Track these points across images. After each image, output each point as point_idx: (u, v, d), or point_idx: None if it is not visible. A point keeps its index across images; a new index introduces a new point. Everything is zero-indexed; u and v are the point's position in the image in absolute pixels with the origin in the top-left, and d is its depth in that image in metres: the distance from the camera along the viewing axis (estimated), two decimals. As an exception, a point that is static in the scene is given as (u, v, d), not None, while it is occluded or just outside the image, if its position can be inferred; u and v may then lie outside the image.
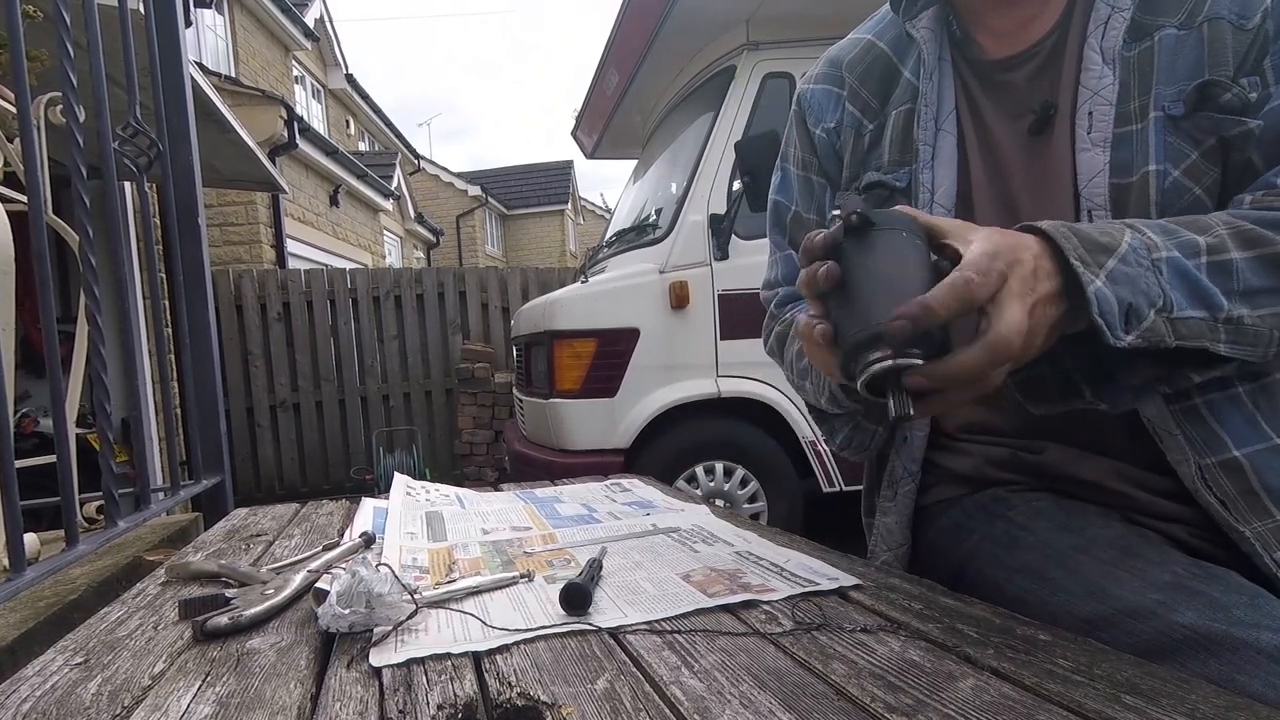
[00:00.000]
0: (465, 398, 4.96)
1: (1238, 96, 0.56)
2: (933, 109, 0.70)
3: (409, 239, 12.64)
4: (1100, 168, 0.60)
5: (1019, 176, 0.67)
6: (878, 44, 0.77)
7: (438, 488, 1.08)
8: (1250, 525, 0.56)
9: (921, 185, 0.70)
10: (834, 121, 0.79)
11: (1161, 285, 0.49)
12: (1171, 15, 0.59)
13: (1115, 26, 0.61)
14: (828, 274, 0.47)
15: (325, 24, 10.59)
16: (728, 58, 2.79)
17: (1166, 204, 0.59)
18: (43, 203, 0.94)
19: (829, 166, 0.81)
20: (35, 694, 0.46)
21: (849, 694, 0.41)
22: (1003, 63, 0.68)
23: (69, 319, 2.41)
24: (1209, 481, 0.57)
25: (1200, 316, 0.50)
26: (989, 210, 0.68)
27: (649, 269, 2.67)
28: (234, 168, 3.73)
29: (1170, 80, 0.59)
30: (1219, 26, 0.58)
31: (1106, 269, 0.48)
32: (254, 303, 4.81)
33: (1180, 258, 0.50)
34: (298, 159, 6.97)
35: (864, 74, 0.77)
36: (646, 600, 0.58)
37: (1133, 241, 0.49)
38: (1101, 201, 0.60)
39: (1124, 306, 0.48)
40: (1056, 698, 0.40)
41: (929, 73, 0.71)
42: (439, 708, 0.42)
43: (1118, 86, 0.60)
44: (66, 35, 0.99)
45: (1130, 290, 0.48)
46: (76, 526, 0.96)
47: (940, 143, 0.70)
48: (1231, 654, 0.48)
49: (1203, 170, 0.58)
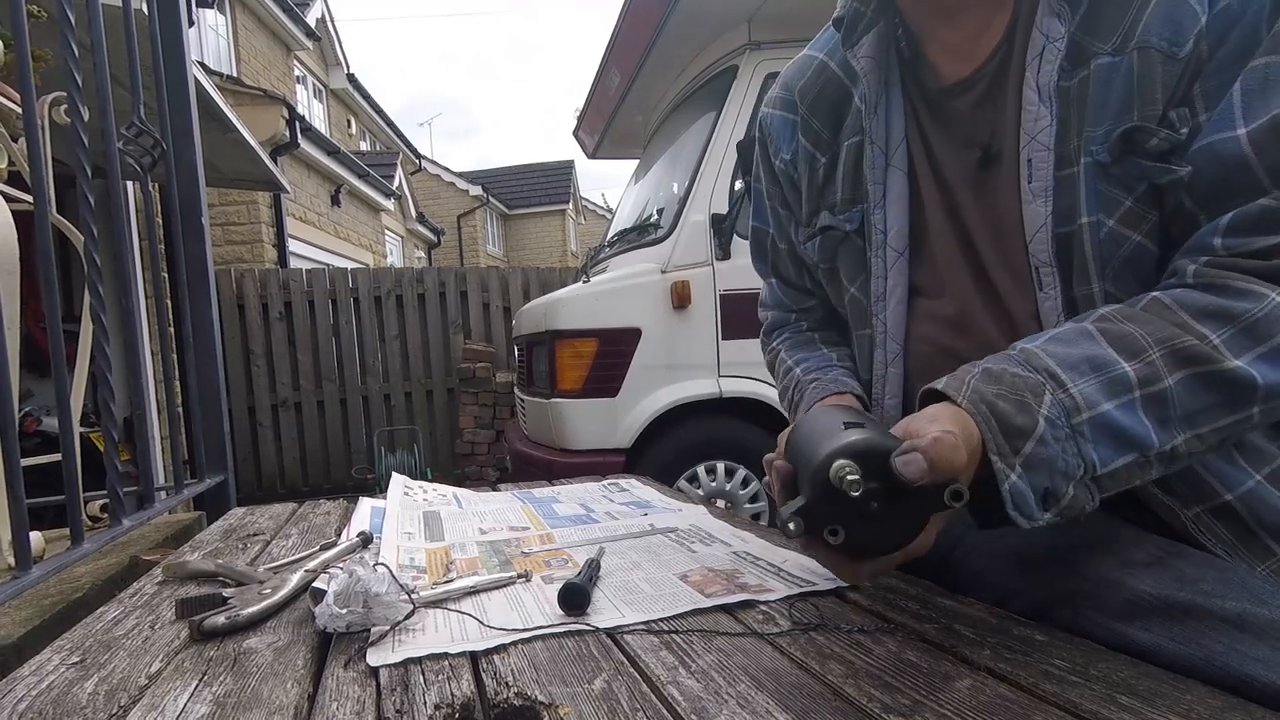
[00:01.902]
0: (466, 397, 4.96)
1: (1165, 139, 0.52)
2: (880, 144, 0.68)
3: (410, 239, 12.64)
4: (1043, 220, 0.58)
5: (972, 214, 0.64)
6: (829, 65, 0.73)
7: (435, 488, 1.08)
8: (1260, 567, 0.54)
9: (874, 227, 0.69)
10: (790, 153, 0.77)
11: (1082, 452, 0.47)
12: (1106, 39, 0.55)
13: (1050, 59, 0.57)
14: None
15: (327, 24, 10.60)
16: (729, 57, 2.78)
17: (1105, 256, 0.56)
18: (48, 202, 0.94)
19: (790, 197, 0.79)
20: (31, 693, 0.46)
21: (846, 694, 0.41)
22: (949, 90, 0.65)
23: (72, 318, 2.41)
24: (1204, 529, 0.56)
25: (1129, 461, 0.48)
26: (946, 254, 0.66)
27: (651, 269, 2.67)
28: (236, 167, 3.74)
29: (1100, 119, 0.55)
30: (1148, 57, 0.53)
31: (1023, 455, 0.47)
32: (256, 302, 4.82)
33: (1107, 409, 0.48)
34: (299, 159, 6.98)
35: (814, 102, 0.74)
36: (644, 600, 0.58)
37: (1052, 411, 0.47)
38: (1046, 259, 0.58)
39: (1039, 493, 0.47)
40: (1052, 698, 0.40)
41: (872, 106, 0.68)
42: (436, 707, 0.42)
43: (1056, 126, 0.57)
44: (71, 35, 0.99)
45: (1048, 473, 0.47)
46: (82, 525, 0.96)
47: (890, 180, 0.68)
48: (1197, 621, 0.49)
49: (1139, 215, 0.55)
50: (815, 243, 0.76)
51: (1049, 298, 0.58)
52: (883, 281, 0.69)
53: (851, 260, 0.73)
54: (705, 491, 2.64)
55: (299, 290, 4.91)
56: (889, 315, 0.69)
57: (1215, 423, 0.49)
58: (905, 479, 0.43)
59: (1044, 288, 0.59)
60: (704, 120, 2.81)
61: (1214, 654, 0.47)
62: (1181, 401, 0.48)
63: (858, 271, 0.72)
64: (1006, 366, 0.50)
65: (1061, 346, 0.51)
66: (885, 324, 0.69)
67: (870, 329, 0.71)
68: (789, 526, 0.47)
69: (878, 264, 0.69)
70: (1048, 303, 0.59)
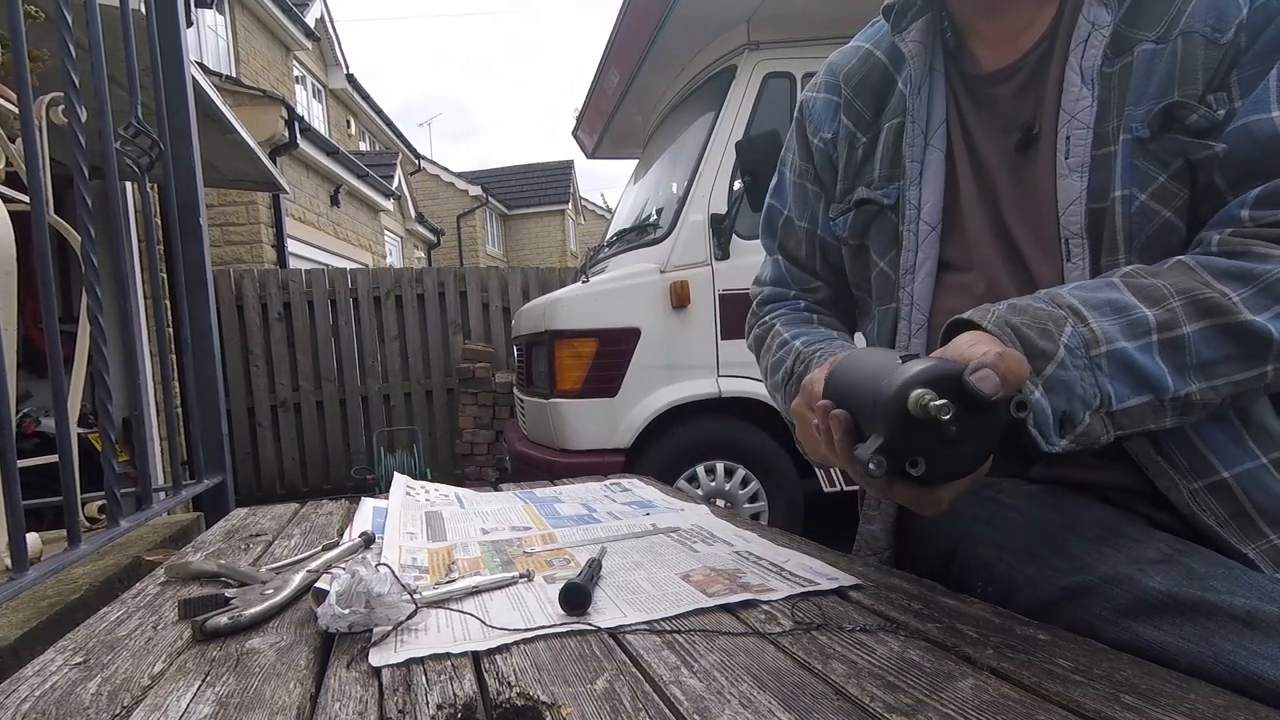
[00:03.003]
0: (466, 397, 4.96)
1: (1205, 117, 0.55)
2: (921, 124, 0.70)
3: (409, 239, 12.64)
4: (1077, 194, 0.60)
5: (1007, 195, 0.66)
6: (875, 53, 0.77)
7: (437, 488, 1.08)
8: (1248, 548, 0.55)
9: (908, 202, 0.71)
10: (831, 132, 0.79)
11: (1099, 384, 0.49)
12: (1150, 28, 0.58)
13: (1095, 45, 0.60)
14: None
15: (326, 24, 10.60)
16: (728, 57, 2.79)
17: (1134, 230, 0.58)
18: (45, 203, 0.94)
19: (824, 175, 0.81)
20: (35, 694, 0.46)
21: (848, 694, 0.41)
22: (991, 77, 0.68)
23: (70, 319, 2.41)
24: (1201, 505, 0.57)
25: (1144, 402, 0.50)
26: (977, 230, 0.68)
27: (650, 269, 2.67)
28: (235, 168, 3.74)
29: (1141, 100, 0.58)
30: (1192, 41, 0.56)
31: (1044, 376, 0.48)
32: (255, 303, 4.82)
33: (1125, 346, 0.49)
34: (298, 159, 6.97)
35: (859, 85, 0.77)
36: (646, 600, 0.58)
37: (1072, 340, 0.49)
38: (1078, 230, 0.60)
39: (1058, 415, 0.48)
40: (1056, 697, 0.40)
41: (916, 87, 0.70)
42: (438, 707, 0.42)
43: (1096, 107, 0.60)
44: (68, 35, 0.99)
45: (1066, 397, 0.48)
46: (79, 526, 0.96)
47: (928, 158, 0.70)
48: (1206, 618, 0.49)
49: (1171, 193, 0.57)
50: (849, 217, 0.78)
51: (1076, 268, 0.60)
52: (913, 255, 0.71)
53: (883, 235, 0.74)
54: (705, 491, 2.64)
55: (298, 291, 4.90)
56: (917, 287, 0.71)
57: (1230, 375, 0.50)
58: (982, 394, 0.43)
59: (1072, 258, 0.61)
60: (703, 120, 2.82)
61: (1222, 652, 0.47)
62: (1198, 350, 0.50)
63: (889, 246, 0.74)
64: (1031, 302, 0.52)
65: (1086, 291, 0.53)
66: (912, 295, 0.71)
67: (896, 301, 0.73)
68: (870, 467, 0.46)
69: (909, 238, 0.71)
70: (1074, 273, 0.60)
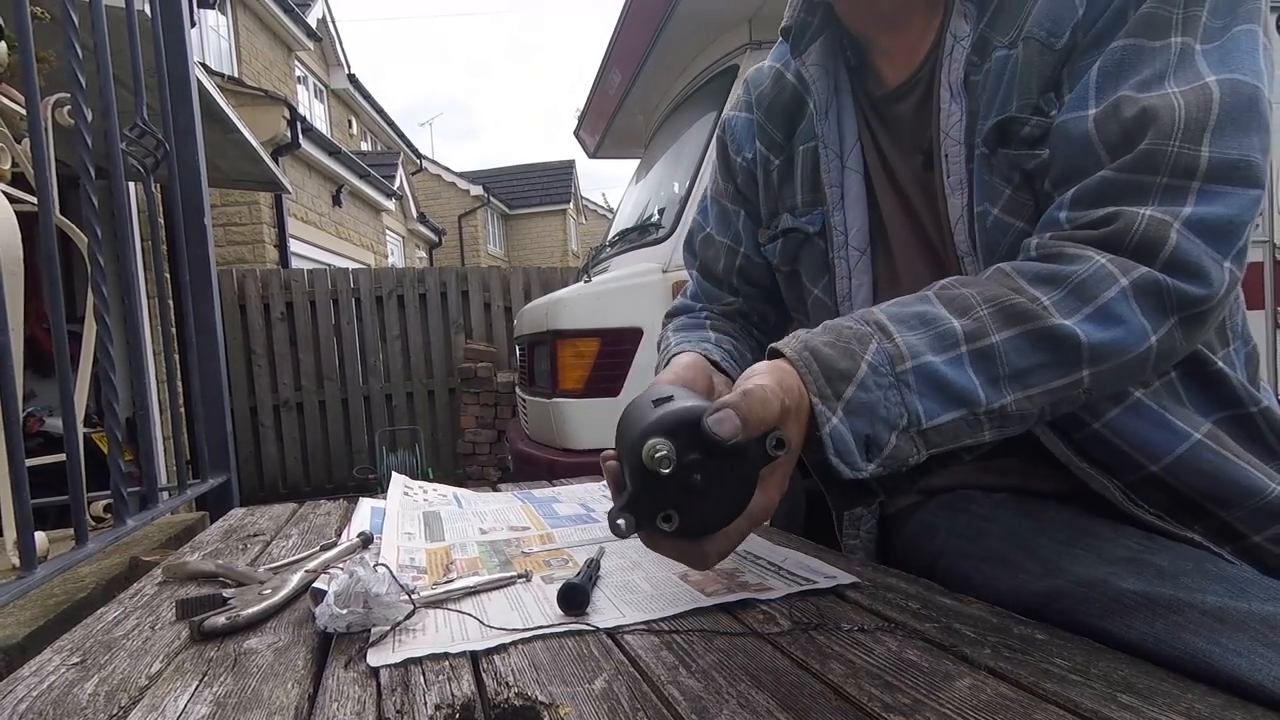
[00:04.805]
0: (468, 397, 4.97)
1: (1038, 125, 0.54)
2: (834, 148, 0.70)
3: (411, 239, 12.65)
4: (960, 212, 0.60)
5: (925, 212, 0.66)
6: (785, 74, 0.76)
7: (435, 487, 1.08)
8: (1193, 529, 0.56)
9: (834, 229, 0.70)
10: (750, 152, 0.79)
11: (906, 402, 0.47)
12: (1005, 33, 0.57)
13: (957, 58, 0.60)
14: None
15: (328, 24, 10.62)
16: (730, 57, 2.78)
17: (993, 244, 0.58)
18: (51, 203, 0.95)
19: (749, 193, 0.81)
20: (32, 694, 0.46)
21: (846, 693, 0.41)
22: (893, 93, 0.67)
23: (75, 319, 2.42)
24: (1139, 500, 0.56)
25: (956, 417, 0.48)
26: (903, 248, 0.68)
27: (652, 268, 2.67)
28: (237, 168, 3.75)
29: (989, 112, 0.57)
30: (1030, 48, 0.55)
31: (845, 399, 0.46)
32: (257, 302, 4.83)
33: (932, 361, 0.47)
34: (300, 159, 6.99)
35: (769, 108, 0.77)
36: (644, 600, 0.58)
37: (876, 358, 0.47)
38: (966, 248, 0.60)
39: (861, 440, 0.47)
40: (1053, 697, 0.40)
41: (823, 112, 0.70)
42: (436, 708, 0.42)
43: (966, 119, 0.59)
44: (74, 37, 0.99)
45: (869, 420, 0.46)
46: (86, 525, 0.96)
47: (847, 182, 0.69)
48: (1177, 615, 0.49)
49: (1020, 203, 0.57)
50: (777, 245, 0.77)
51: None
52: (847, 282, 0.70)
53: (814, 261, 0.74)
54: (707, 491, 2.63)
55: (300, 290, 4.91)
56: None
57: (1045, 384, 0.48)
58: (719, 438, 0.42)
59: (968, 274, 0.60)
60: (705, 120, 2.81)
61: (1197, 651, 0.47)
62: (1010, 359, 0.48)
63: (820, 273, 0.73)
64: (843, 321, 0.51)
65: (897, 306, 0.52)
66: None
67: None
68: (618, 525, 0.44)
69: (841, 265, 0.71)
70: None
